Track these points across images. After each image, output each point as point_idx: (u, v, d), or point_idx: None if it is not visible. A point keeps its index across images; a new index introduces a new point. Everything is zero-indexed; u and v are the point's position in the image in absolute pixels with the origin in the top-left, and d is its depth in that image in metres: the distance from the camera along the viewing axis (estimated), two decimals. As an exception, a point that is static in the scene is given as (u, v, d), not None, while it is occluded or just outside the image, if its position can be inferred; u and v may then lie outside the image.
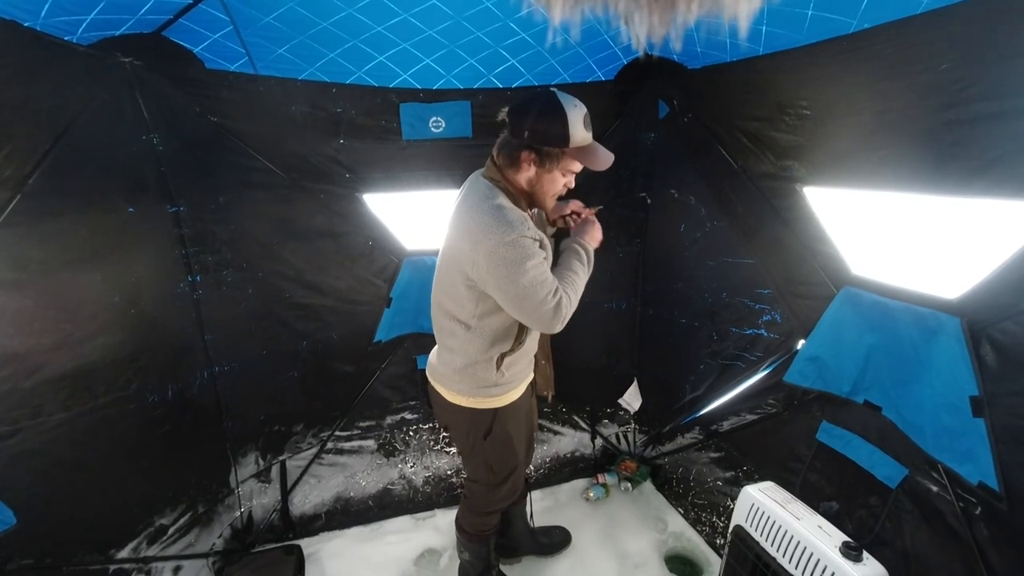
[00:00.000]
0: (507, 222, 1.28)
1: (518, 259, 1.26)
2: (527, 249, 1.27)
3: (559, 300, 1.33)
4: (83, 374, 1.47)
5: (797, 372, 1.74)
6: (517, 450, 1.68)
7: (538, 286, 1.29)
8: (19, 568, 1.35)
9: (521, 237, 1.27)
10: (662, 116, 2.25)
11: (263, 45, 1.66)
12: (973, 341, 1.23)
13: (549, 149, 1.31)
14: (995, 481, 1.21)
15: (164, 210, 1.76)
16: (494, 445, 1.62)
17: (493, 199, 1.34)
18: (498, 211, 1.30)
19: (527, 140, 1.31)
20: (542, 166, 1.34)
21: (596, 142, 1.37)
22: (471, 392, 1.54)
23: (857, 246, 1.55)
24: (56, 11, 1.25)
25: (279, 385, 2.15)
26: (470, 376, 1.52)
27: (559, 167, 1.34)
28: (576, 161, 1.35)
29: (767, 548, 1.49)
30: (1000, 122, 1.11)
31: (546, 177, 1.36)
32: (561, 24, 0.66)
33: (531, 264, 1.28)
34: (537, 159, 1.33)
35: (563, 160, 1.33)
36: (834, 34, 1.39)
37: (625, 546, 2.28)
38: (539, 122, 1.28)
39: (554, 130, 1.27)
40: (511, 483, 1.74)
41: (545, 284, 1.31)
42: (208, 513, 2.01)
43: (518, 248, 1.26)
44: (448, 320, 1.50)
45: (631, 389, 2.70)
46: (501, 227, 1.27)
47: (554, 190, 1.40)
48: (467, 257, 1.33)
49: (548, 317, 1.33)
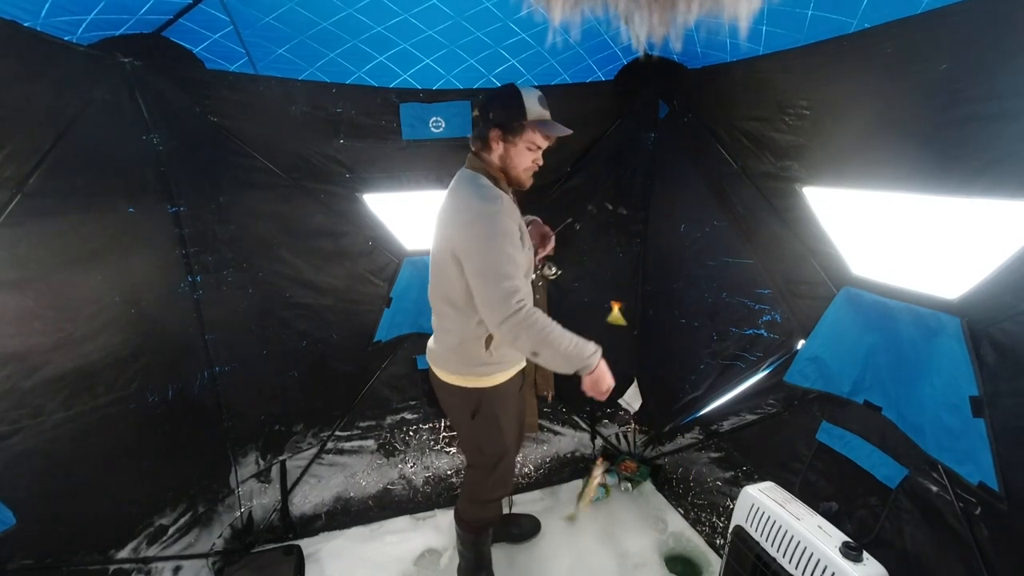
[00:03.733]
0: (489, 196, 1.46)
1: (495, 232, 1.41)
2: (506, 226, 1.42)
3: (521, 298, 1.38)
4: (83, 374, 1.47)
5: (797, 372, 1.74)
6: (505, 432, 1.75)
7: (506, 262, 1.39)
8: (19, 568, 1.35)
9: (501, 214, 1.43)
10: (662, 116, 2.25)
11: (263, 45, 1.66)
12: (973, 341, 1.23)
13: (511, 124, 1.49)
14: (995, 481, 1.21)
15: (164, 210, 1.76)
16: (482, 425, 1.71)
17: (476, 180, 1.52)
18: (480, 188, 1.49)
19: (492, 120, 1.51)
20: (507, 140, 1.51)
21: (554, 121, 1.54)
22: (462, 370, 1.66)
23: (857, 246, 1.55)
24: (56, 11, 1.25)
25: (279, 385, 2.15)
26: (462, 354, 1.63)
27: (523, 140, 1.50)
28: (537, 133, 1.51)
29: (767, 548, 1.49)
30: (1000, 122, 1.11)
31: (513, 151, 1.52)
32: (561, 24, 0.66)
33: (507, 242, 1.41)
34: (502, 134, 1.51)
35: (525, 132, 1.49)
36: (834, 34, 1.39)
37: (625, 546, 2.28)
38: (500, 104, 1.50)
39: (512, 107, 1.48)
40: (501, 469, 1.81)
41: (512, 267, 1.41)
42: (208, 513, 2.01)
43: (497, 222, 1.41)
44: (443, 303, 1.61)
45: (631, 389, 2.70)
46: (483, 200, 1.45)
47: (524, 164, 1.55)
48: (453, 231, 1.47)
49: (499, 300, 1.37)
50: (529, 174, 1.59)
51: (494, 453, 1.78)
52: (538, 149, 1.54)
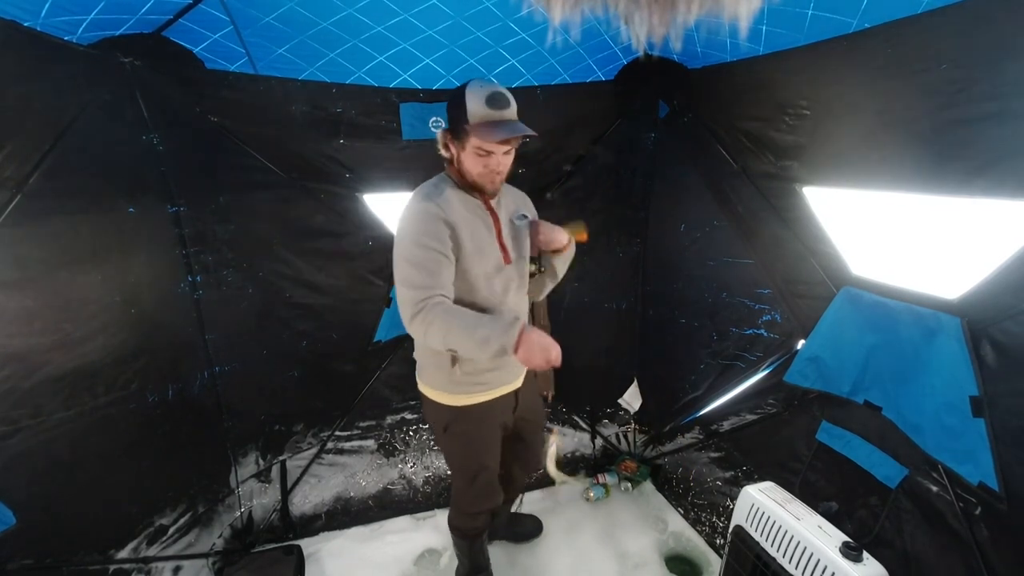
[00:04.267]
0: (421, 195, 1.44)
1: (405, 231, 1.39)
2: (423, 226, 1.37)
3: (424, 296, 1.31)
4: (83, 374, 1.47)
5: (797, 372, 1.74)
6: (481, 452, 1.69)
7: (411, 262, 1.35)
8: (19, 568, 1.35)
9: (421, 213, 1.39)
10: (662, 116, 2.25)
11: (263, 45, 1.66)
12: (973, 341, 1.23)
13: (455, 127, 1.40)
14: (995, 481, 1.21)
15: (164, 210, 1.76)
16: (454, 441, 1.68)
17: (433, 180, 1.50)
18: (423, 187, 1.48)
19: (446, 122, 1.45)
20: (457, 143, 1.42)
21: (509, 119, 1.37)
22: (433, 384, 1.62)
23: (857, 246, 1.55)
24: (56, 11, 1.25)
25: (279, 385, 2.15)
26: (432, 368, 1.60)
27: (469, 144, 1.38)
28: (480, 138, 1.35)
29: (767, 548, 1.49)
30: (1000, 122, 1.11)
31: (463, 155, 1.42)
32: (561, 24, 0.66)
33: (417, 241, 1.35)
34: (451, 138, 1.43)
35: (470, 136, 1.36)
36: (834, 34, 1.39)
37: (625, 546, 2.28)
38: (449, 105, 1.41)
39: (455, 109, 1.37)
40: (480, 483, 1.72)
41: (419, 268, 1.34)
42: (208, 513, 2.01)
43: (413, 221, 1.39)
44: None
45: (631, 389, 2.70)
46: (413, 199, 1.44)
47: (476, 169, 1.42)
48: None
49: (404, 300, 1.34)
50: (488, 179, 1.44)
51: (469, 468, 1.71)
52: (488, 154, 1.39)
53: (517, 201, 1.66)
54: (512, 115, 1.37)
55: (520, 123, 1.35)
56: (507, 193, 1.62)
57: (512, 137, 1.34)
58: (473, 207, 1.48)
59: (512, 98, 1.37)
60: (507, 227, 1.55)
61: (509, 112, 1.36)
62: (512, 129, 1.33)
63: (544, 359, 1.26)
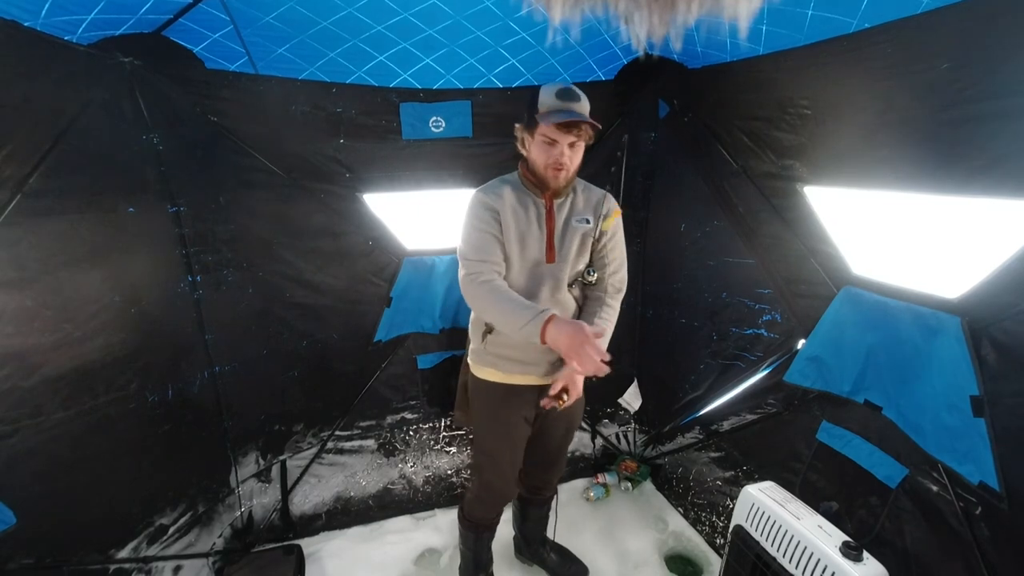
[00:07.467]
0: (482, 187, 1.60)
1: (466, 213, 1.57)
2: (475, 208, 1.55)
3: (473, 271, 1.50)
4: (83, 374, 1.47)
5: (797, 372, 1.74)
6: (496, 435, 1.75)
7: (466, 239, 1.54)
8: (19, 568, 1.35)
9: (476, 200, 1.56)
10: (662, 116, 2.25)
11: (263, 45, 1.66)
12: (973, 341, 1.23)
13: (528, 118, 1.51)
14: (995, 481, 1.21)
15: (164, 210, 1.76)
16: (479, 415, 1.80)
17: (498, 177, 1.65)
18: (487, 182, 1.63)
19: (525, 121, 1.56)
20: (528, 135, 1.54)
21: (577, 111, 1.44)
22: (470, 351, 1.77)
23: (857, 246, 1.56)
24: (56, 11, 1.25)
25: (279, 385, 2.15)
26: (472, 335, 1.73)
27: (538, 133, 1.49)
28: (549, 125, 1.45)
29: (767, 548, 1.49)
30: (1000, 122, 1.11)
31: (532, 147, 1.53)
32: (561, 23, 0.66)
33: (471, 223, 1.54)
34: (524, 127, 1.55)
35: (538, 126, 1.47)
36: (834, 34, 1.39)
37: (625, 546, 2.28)
38: (525, 102, 1.53)
39: (530, 102, 1.50)
40: (487, 470, 1.80)
41: (471, 245, 1.52)
42: (208, 513, 2.01)
43: (470, 206, 1.57)
44: None
45: (631, 389, 2.70)
46: (475, 189, 1.60)
47: (542, 159, 1.51)
48: None
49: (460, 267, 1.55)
50: (552, 171, 1.50)
51: (479, 448, 1.87)
52: (554, 143, 1.46)
53: (589, 204, 1.64)
54: (580, 108, 1.45)
55: (586, 116, 1.45)
56: (581, 197, 1.64)
57: (574, 122, 1.41)
58: (527, 203, 1.58)
59: (583, 95, 1.47)
60: (561, 229, 1.59)
61: (577, 106, 1.45)
62: (571, 114, 1.42)
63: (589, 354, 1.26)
